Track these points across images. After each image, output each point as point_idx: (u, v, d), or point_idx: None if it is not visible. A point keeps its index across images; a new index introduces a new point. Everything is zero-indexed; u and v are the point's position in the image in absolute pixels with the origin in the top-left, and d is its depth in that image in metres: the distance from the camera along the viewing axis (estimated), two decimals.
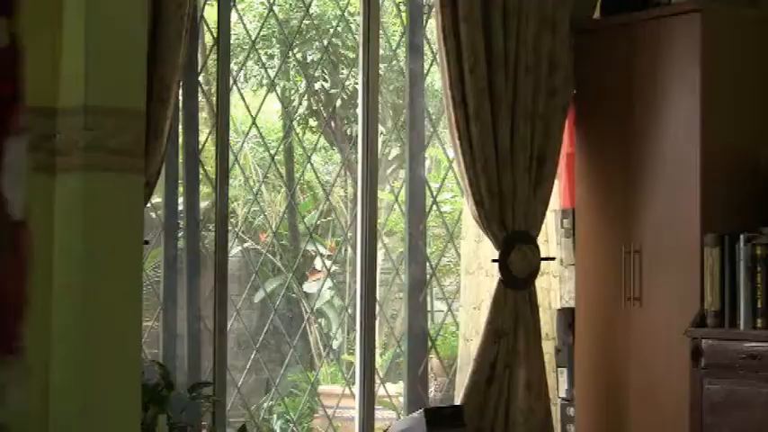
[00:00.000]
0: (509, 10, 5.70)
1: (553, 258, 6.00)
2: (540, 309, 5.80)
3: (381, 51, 5.97)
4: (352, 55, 8.13)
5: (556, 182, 5.88)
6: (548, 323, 5.98)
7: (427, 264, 6.08)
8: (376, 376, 5.84)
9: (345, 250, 7.79)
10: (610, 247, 5.71)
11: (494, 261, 5.71)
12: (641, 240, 5.56)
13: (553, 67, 5.80)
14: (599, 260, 5.78)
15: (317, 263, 8.03)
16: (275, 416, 7.49)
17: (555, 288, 6.06)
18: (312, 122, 8.74)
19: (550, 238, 6.07)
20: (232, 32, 5.61)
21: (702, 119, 5.36)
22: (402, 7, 6.33)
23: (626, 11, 5.74)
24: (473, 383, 5.65)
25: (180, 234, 5.30)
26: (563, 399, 5.93)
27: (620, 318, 5.63)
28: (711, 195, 5.35)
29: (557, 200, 6.01)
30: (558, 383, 5.95)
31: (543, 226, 5.84)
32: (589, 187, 5.86)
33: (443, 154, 6.53)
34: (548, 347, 5.93)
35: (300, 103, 8.55)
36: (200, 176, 5.40)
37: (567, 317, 5.95)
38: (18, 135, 1.99)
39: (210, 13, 5.49)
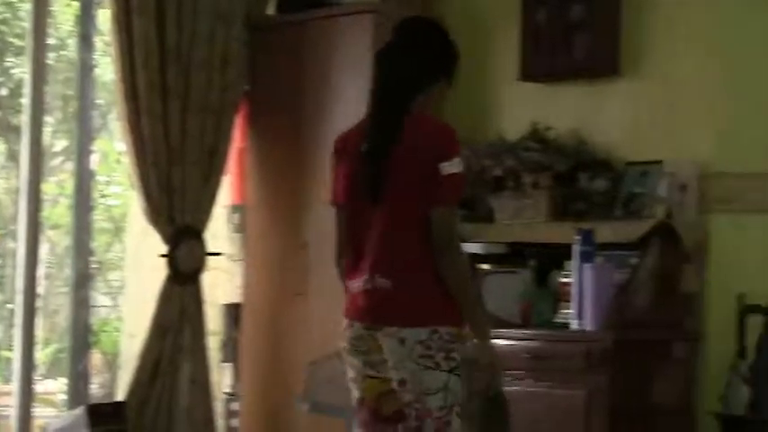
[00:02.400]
0: (183, 4, 5.67)
1: (220, 254, 5.98)
2: (208, 304, 5.78)
3: (51, 40, 5.81)
4: (20, 43, 7.86)
5: (227, 177, 5.87)
6: (214, 318, 5.97)
7: (92, 258, 5.96)
8: (35, 373, 5.68)
9: (7, 243, 7.53)
10: (279, 242, 5.75)
11: (162, 256, 5.65)
12: (308, 236, 5.61)
13: (225, 63, 5.80)
14: (267, 255, 5.81)
15: None
16: None
17: (223, 283, 6.05)
18: None
19: (219, 233, 6.05)
20: None
21: None
22: None
23: (301, 9, 5.79)
24: (136, 379, 5.59)
25: None
26: (227, 393, 5.93)
27: (287, 312, 5.68)
28: None
29: (227, 195, 6.00)
30: (222, 378, 5.95)
31: (212, 221, 5.82)
32: (260, 183, 5.88)
33: (112, 147, 6.41)
34: (214, 343, 5.92)
35: None
36: None
37: (232, 312, 5.96)
38: None
39: None
